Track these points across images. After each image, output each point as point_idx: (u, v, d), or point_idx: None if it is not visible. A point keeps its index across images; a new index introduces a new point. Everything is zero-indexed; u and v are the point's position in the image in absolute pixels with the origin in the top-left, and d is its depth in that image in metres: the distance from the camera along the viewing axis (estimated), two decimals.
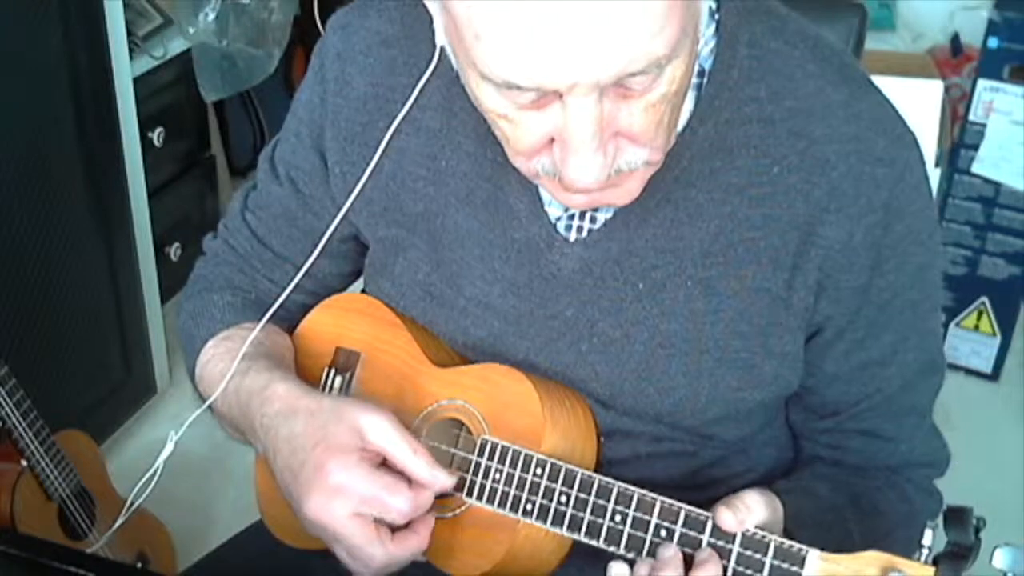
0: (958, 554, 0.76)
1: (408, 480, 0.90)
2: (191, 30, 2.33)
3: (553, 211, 0.95)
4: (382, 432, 0.90)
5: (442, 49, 0.86)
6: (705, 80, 0.90)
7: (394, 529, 0.90)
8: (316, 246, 1.06)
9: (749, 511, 0.84)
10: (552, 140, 0.79)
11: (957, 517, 0.77)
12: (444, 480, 0.91)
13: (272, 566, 1.09)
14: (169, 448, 1.04)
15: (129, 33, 2.11)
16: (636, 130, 0.79)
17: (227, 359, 1.03)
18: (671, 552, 0.85)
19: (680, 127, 0.90)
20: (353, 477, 0.89)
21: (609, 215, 0.93)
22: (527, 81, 0.73)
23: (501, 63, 0.73)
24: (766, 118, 0.90)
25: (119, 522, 1.14)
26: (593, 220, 0.94)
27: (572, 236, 0.94)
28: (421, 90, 0.97)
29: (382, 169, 1.00)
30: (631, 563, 0.86)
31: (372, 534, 0.89)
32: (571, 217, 0.94)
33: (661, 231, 0.92)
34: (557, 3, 0.69)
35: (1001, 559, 0.76)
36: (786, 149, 0.90)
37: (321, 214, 1.06)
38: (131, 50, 2.11)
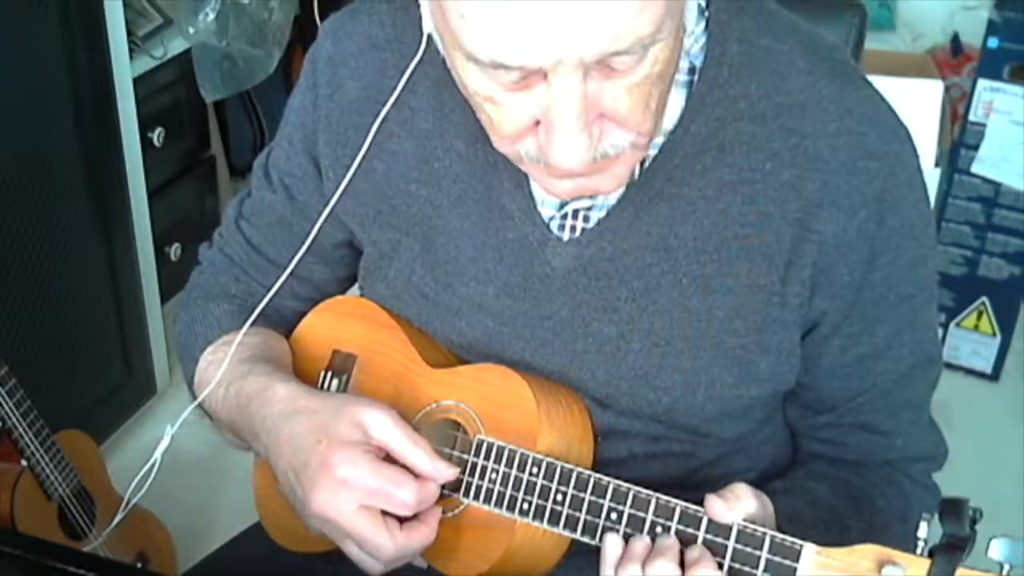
0: (954, 545, 0.76)
1: (413, 473, 0.90)
2: (191, 30, 2.33)
3: (546, 211, 0.95)
4: (384, 427, 0.91)
5: (430, 40, 0.87)
6: (696, 77, 0.90)
7: (401, 521, 0.91)
8: (309, 250, 1.06)
9: (738, 500, 0.84)
10: (537, 123, 0.80)
11: (953, 508, 0.77)
12: (446, 472, 0.91)
13: (272, 567, 1.09)
14: (166, 441, 1.04)
15: (129, 33, 2.11)
16: (622, 111, 0.79)
17: (225, 363, 1.03)
18: (670, 541, 0.85)
19: (671, 125, 0.90)
20: (358, 470, 0.89)
21: (602, 214, 0.93)
22: (512, 59, 0.74)
23: (486, 42, 0.73)
24: (757, 114, 0.90)
25: (118, 518, 1.15)
26: (586, 219, 0.94)
27: (565, 235, 0.95)
28: (411, 91, 0.97)
29: (375, 172, 1.01)
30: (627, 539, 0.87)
31: (380, 525, 0.89)
32: (564, 216, 0.94)
33: (654, 229, 0.92)
34: None
35: (997, 550, 0.76)
36: (778, 145, 0.90)
37: (314, 220, 1.06)
38: (131, 50, 2.11)
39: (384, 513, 0.90)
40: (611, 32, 0.72)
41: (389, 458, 0.91)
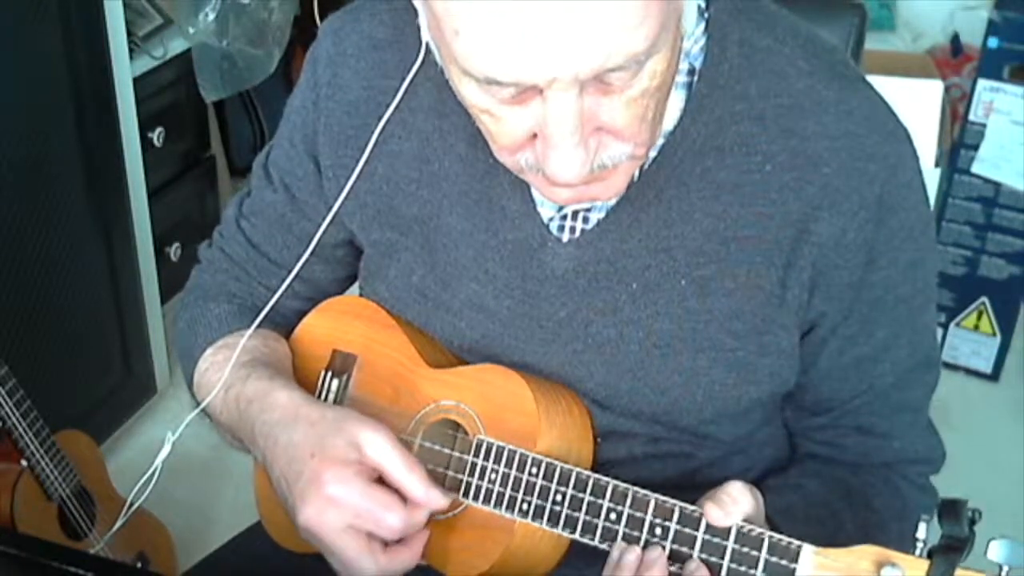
0: (953, 547, 0.76)
1: (403, 497, 0.91)
2: (191, 30, 2.33)
3: (545, 212, 0.95)
4: (380, 448, 0.91)
5: (428, 47, 0.87)
6: (696, 79, 0.90)
7: (387, 542, 0.91)
8: (309, 249, 1.06)
9: (735, 503, 0.84)
10: (535, 135, 0.80)
11: (951, 510, 0.77)
12: (438, 499, 0.91)
13: (272, 567, 1.09)
14: (167, 449, 1.04)
15: (129, 33, 2.11)
16: (618, 125, 0.79)
17: (225, 367, 1.03)
18: (656, 554, 0.85)
19: (671, 126, 0.90)
20: (348, 490, 0.89)
21: (602, 215, 0.93)
22: (506, 76, 0.74)
23: (480, 58, 0.73)
24: (757, 116, 0.90)
25: (119, 523, 1.15)
26: (586, 220, 0.94)
27: (565, 236, 0.95)
28: (412, 92, 0.98)
29: (375, 172, 1.01)
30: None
31: (364, 547, 0.89)
32: (564, 217, 0.94)
33: (654, 230, 0.92)
34: None
35: (996, 551, 0.76)
36: (778, 147, 0.90)
37: (315, 219, 1.06)
38: (131, 50, 2.11)
39: (370, 534, 0.90)
40: (605, 49, 0.72)
41: (382, 480, 0.91)
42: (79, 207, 2.04)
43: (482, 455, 0.93)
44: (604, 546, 0.88)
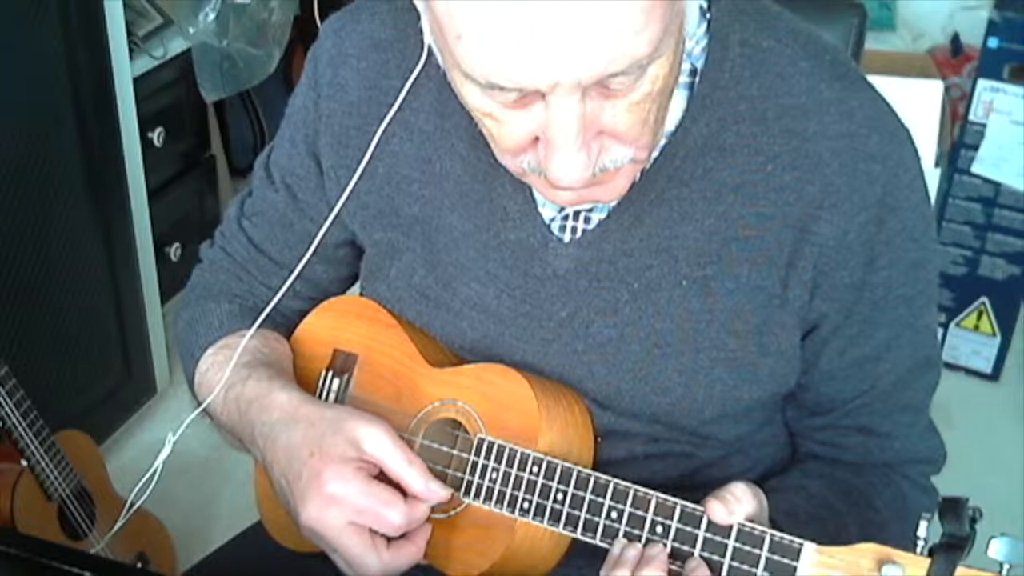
0: (954, 545, 0.76)
1: (404, 492, 0.91)
2: (191, 30, 2.33)
3: (547, 212, 0.95)
4: (379, 444, 0.91)
5: (431, 49, 0.87)
6: (697, 79, 0.90)
7: (390, 537, 0.91)
8: (311, 250, 1.06)
9: (739, 502, 0.84)
10: (537, 138, 0.80)
11: (952, 508, 0.77)
12: (439, 493, 0.91)
13: (272, 567, 1.09)
14: (167, 450, 1.05)
15: (129, 33, 2.12)
16: (620, 129, 0.79)
17: (226, 367, 1.03)
18: (657, 550, 0.85)
19: (673, 126, 0.90)
20: (349, 488, 0.89)
21: (603, 215, 0.93)
22: (508, 81, 0.74)
23: (482, 63, 0.74)
24: (759, 116, 0.90)
25: (119, 524, 1.15)
26: (587, 220, 0.94)
27: (566, 237, 0.95)
28: (413, 92, 0.98)
29: (376, 172, 1.01)
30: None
31: (367, 543, 0.89)
32: (565, 218, 0.94)
33: (655, 231, 0.92)
34: (537, 3, 0.69)
35: (997, 549, 0.76)
36: (779, 147, 0.90)
37: (317, 219, 1.06)
38: (131, 50, 2.12)
39: (372, 531, 0.90)
40: (608, 55, 0.72)
41: (383, 475, 0.91)
42: (79, 207, 2.04)
43: (483, 454, 0.93)
44: (605, 544, 0.89)
